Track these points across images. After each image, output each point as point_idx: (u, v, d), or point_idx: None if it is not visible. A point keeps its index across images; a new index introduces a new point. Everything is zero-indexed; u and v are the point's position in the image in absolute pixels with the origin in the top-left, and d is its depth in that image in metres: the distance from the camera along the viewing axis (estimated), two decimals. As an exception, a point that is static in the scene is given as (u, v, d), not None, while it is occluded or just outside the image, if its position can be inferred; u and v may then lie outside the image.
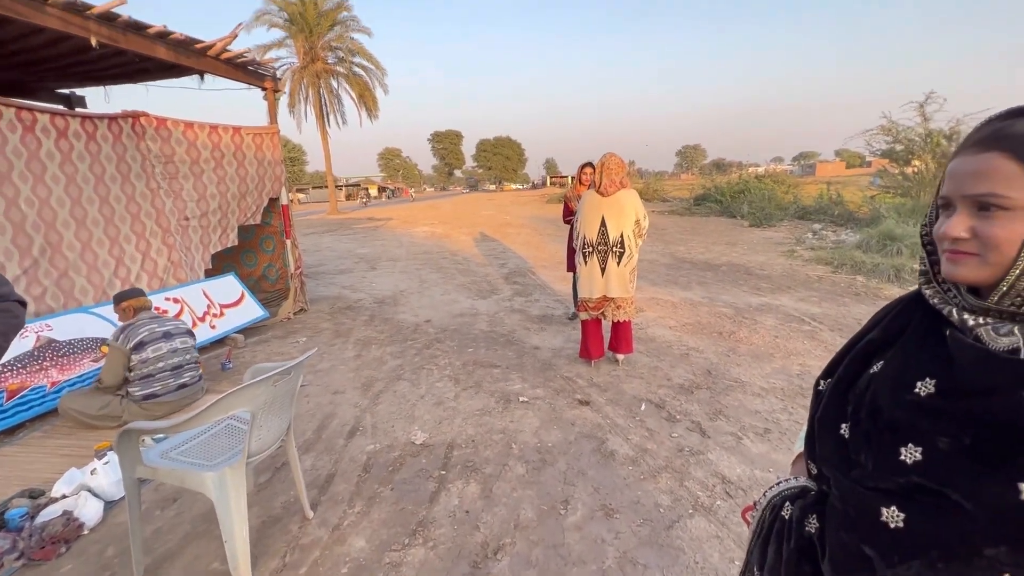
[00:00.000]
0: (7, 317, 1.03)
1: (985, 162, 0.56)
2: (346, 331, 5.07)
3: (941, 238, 0.61)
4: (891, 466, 0.58)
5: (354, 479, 2.46)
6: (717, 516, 2.11)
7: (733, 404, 3.17)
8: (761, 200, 15.37)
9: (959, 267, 0.59)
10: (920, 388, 0.58)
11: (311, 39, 24.54)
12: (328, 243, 13.06)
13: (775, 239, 10.63)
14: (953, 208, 0.60)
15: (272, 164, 5.63)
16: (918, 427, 0.57)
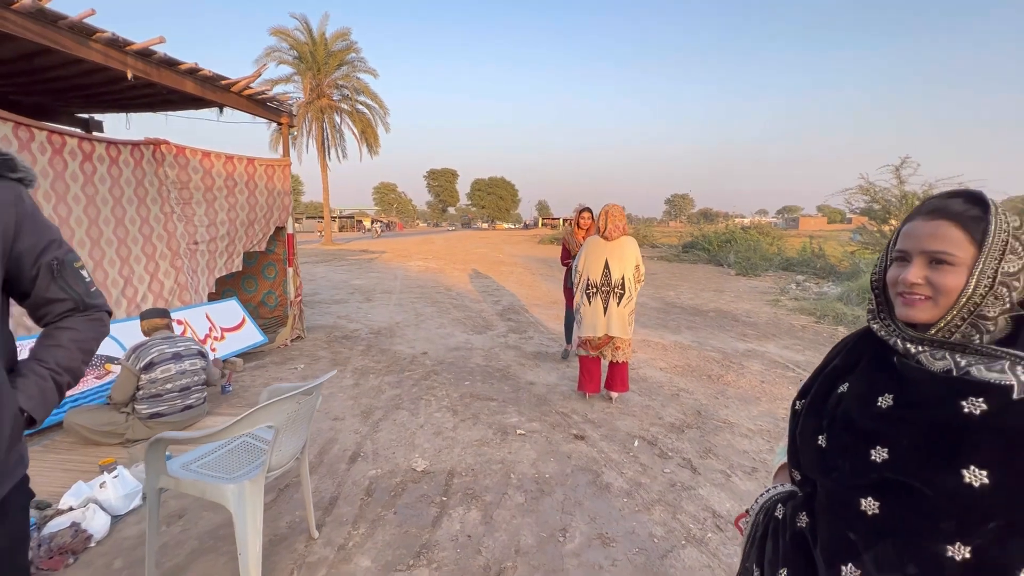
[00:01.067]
0: (98, 326, 1.16)
1: (939, 228, 0.74)
2: (344, 360, 5.14)
3: (898, 282, 0.78)
4: (864, 465, 0.73)
5: (357, 502, 2.52)
6: (708, 547, 2.21)
7: (722, 443, 3.29)
8: (747, 250, 15.91)
9: (914, 309, 0.76)
10: (881, 402, 0.75)
11: (318, 76, 25.46)
12: (323, 273, 13.16)
13: (760, 288, 10.99)
14: (909, 260, 0.77)
15: (281, 194, 5.83)
16: (883, 432, 0.73)
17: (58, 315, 1.11)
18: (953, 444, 0.66)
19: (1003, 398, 0.65)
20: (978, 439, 0.65)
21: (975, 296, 0.72)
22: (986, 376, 0.68)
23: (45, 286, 1.06)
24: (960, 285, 0.72)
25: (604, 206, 3.94)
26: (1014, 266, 0.71)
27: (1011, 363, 0.67)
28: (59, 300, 1.09)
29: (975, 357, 0.70)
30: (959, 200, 0.75)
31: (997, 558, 0.64)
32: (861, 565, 0.71)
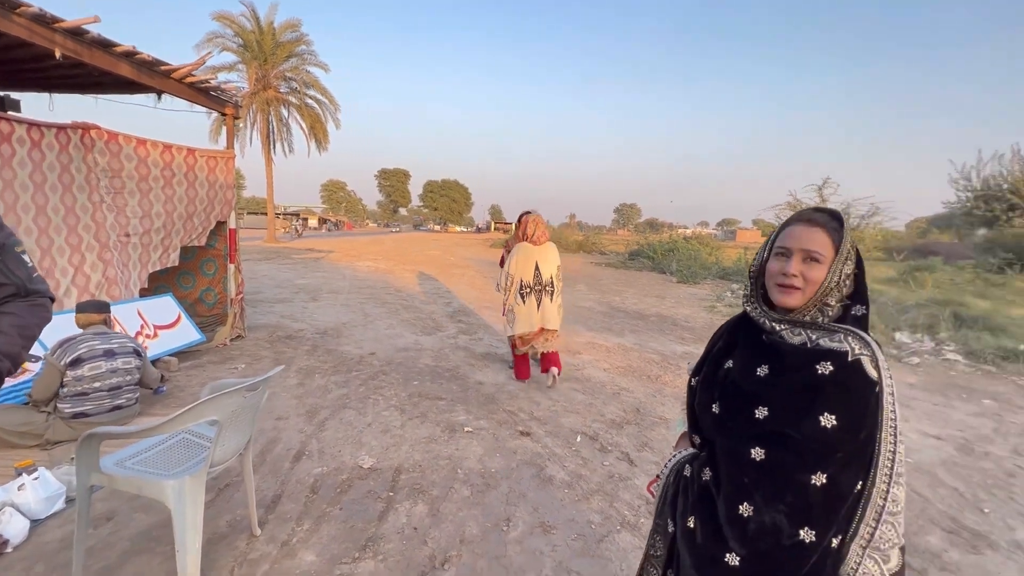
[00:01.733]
0: (41, 312, 1.13)
1: (815, 233, 0.97)
2: (288, 359, 5.01)
3: (778, 273, 0.98)
4: (750, 423, 0.93)
5: (302, 499, 2.50)
6: (641, 532, 2.38)
7: (658, 438, 3.51)
8: (688, 259, 16.76)
9: (789, 296, 0.97)
10: (759, 371, 0.97)
11: (264, 67, 24.41)
12: (265, 271, 12.64)
13: (699, 295, 11.62)
14: (789, 256, 0.97)
15: (224, 188, 5.61)
16: (763, 395, 0.94)
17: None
18: (812, 398, 0.87)
19: (842, 360, 0.88)
20: (828, 392, 0.87)
21: (828, 287, 0.95)
22: (830, 345, 0.90)
23: None
24: (822, 278, 0.95)
25: (526, 215, 4.39)
26: (849, 268, 0.96)
27: (844, 335, 0.91)
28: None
29: (822, 332, 0.93)
30: (827, 215, 1.00)
31: (841, 479, 0.86)
32: (753, 502, 0.89)
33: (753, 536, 0.88)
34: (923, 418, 4.19)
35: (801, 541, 0.86)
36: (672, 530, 1.07)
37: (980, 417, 4.29)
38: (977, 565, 2.30)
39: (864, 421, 0.86)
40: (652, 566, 1.18)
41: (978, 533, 2.55)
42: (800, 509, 0.86)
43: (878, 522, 0.88)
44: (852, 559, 0.89)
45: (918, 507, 2.77)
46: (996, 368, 5.90)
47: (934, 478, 3.13)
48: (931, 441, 3.72)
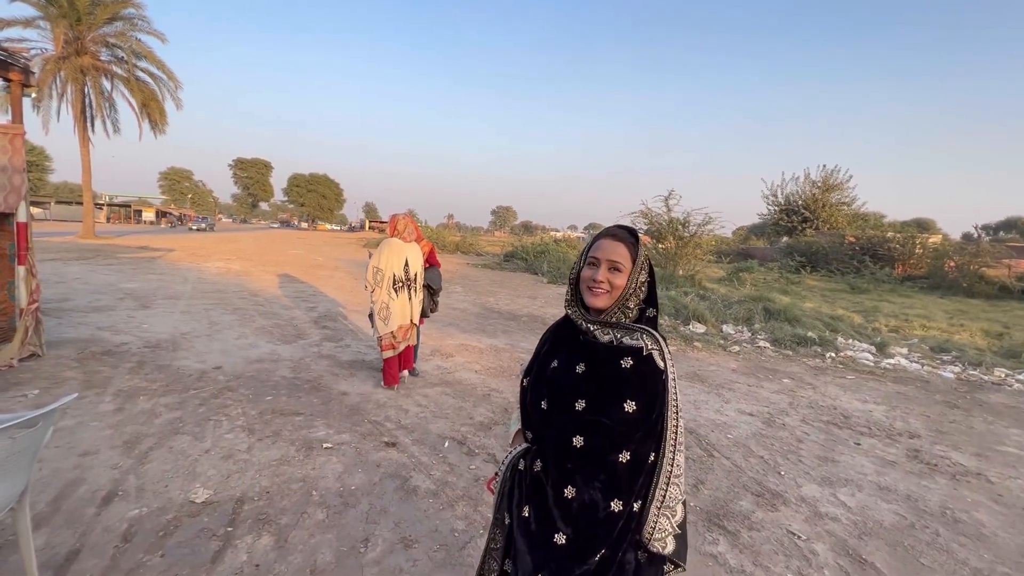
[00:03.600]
0: None
1: (617, 247, 1.14)
2: (102, 381, 4.19)
3: (589, 279, 1.14)
4: (571, 414, 1.07)
5: (109, 551, 2.09)
6: (503, 532, 2.42)
7: (523, 436, 3.63)
8: (558, 261, 17.77)
9: (598, 298, 1.13)
10: (578, 368, 1.11)
11: (78, 27, 20.29)
12: (77, 273, 10.49)
13: (567, 295, 12.37)
14: (598, 265, 1.14)
15: (10, 171, 4.51)
16: (580, 388, 1.08)
17: None
18: (618, 388, 1.04)
19: (639, 354, 1.06)
20: (630, 382, 1.04)
21: (628, 292, 1.12)
22: (631, 343, 1.08)
23: None
24: (624, 284, 1.12)
25: (396, 215, 4.52)
26: (643, 277, 1.15)
27: (640, 333, 1.09)
28: None
29: (624, 331, 1.11)
30: (627, 232, 1.19)
31: (640, 453, 1.04)
32: (575, 484, 1.03)
33: (576, 514, 1.02)
34: (741, 398, 4.94)
35: (612, 511, 1.01)
36: (508, 522, 1.16)
37: (780, 394, 5.20)
38: (774, 521, 2.76)
39: (655, 403, 1.04)
40: (492, 558, 1.25)
41: (776, 493, 3.07)
42: (611, 484, 1.01)
43: (668, 485, 1.08)
44: (651, 519, 1.07)
45: (734, 477, 3.25)
46: (793, 352, 7.22)
47: (747, 450, 3.70)
48: (745, 418, 4.40)
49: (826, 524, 2.76)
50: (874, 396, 5.34)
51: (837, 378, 6.01)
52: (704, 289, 12.43)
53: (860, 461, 3.64)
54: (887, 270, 18.50)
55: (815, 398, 5.12)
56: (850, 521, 2.81)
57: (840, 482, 3.28)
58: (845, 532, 2.69)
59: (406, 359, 4.65)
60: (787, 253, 22.55)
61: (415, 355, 4.89)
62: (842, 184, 29.72)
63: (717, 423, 4.21)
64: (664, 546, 1.08)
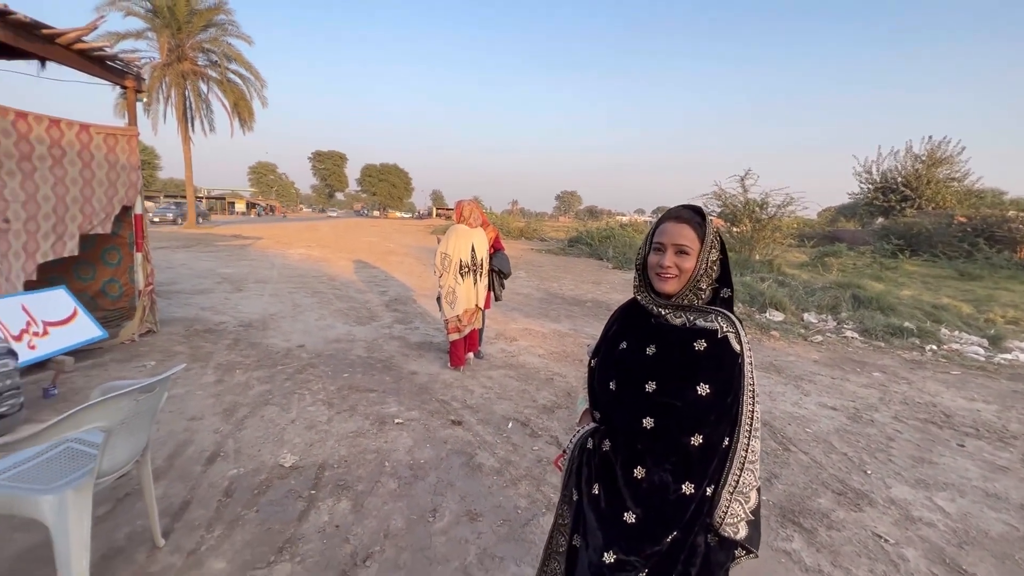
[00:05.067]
0: None
1: (683, 229, 1.11)
2: (205, 355, 4.69)
3: (655, 265, 1.12)
4: (641, 396, 1.07)
5: (213, 504, 2.37)
6: (565, 513, 2.45)
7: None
8: (623, 246, 17.33)
9: (666, 283, 1.11)
10: (648, 351, 1.11)
11: (179, 36, 22.33)
12: (183, 259, 11.71)
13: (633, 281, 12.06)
14: (663, 250, 1.11)
15: (127, 169, 5.10)
16: (651, 370, 1.08)
17: None
18: (691, 371, 1.03)
19: (713, 337, 1.04)
20: (703, 365, 1.02)
21: (698, 274, 1.09)
22: (704, 325, 1.06)
23: None
24: (693, 267, 1.09)
25: (462, 201, 4.60)
26: (714, 256, 1.11)
27: (714, 315, 1.07)
28: None
29: (698, 313, 1.08)
30: (690, 211, 1.14)
31: (713, 437, 1.02)
32: (645, 465, 1.03)
33: (646, 494, 1.02)
34: (823, 391, 4.61)
35: (683, 494, 1.01)
36: (576, 498, 1.18)
37: (869, 388, 4.79)
38: (858, 521, 2.57)
39: (731, 387, 1.02)
40: (560, 534, 1.29)
41: (861, 492, 2.85)
42: (682, 466, 1.01)
43: (742, 470, 1.05)
44: (723, 504, 1.05)
45: (813, 473, 3.05)
46: (885, 344, 6.60)
47: (828, 445, 3.46)
48: (827, 412, 4.10)
49: (919, 529, 2.53)
50: (984, 394, 4.77)
51: (939, 373, 5.43)
52: (783, 275, 11.62)
53: (963, 464, 3.29)
54: (1006, 254, 16.27)
55: (910, 394, 4.67)
56: (948, 528, 2.56)
57: (938, 485, 2.98)
58: (942, 539, 2.46)
59: (472, 342, 4.79)
60: (882, 235, 20.46)
61: (480, 338, 5.01)
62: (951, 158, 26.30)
63: (795, 416, 3.96)
64: (736, 531, 1.07)
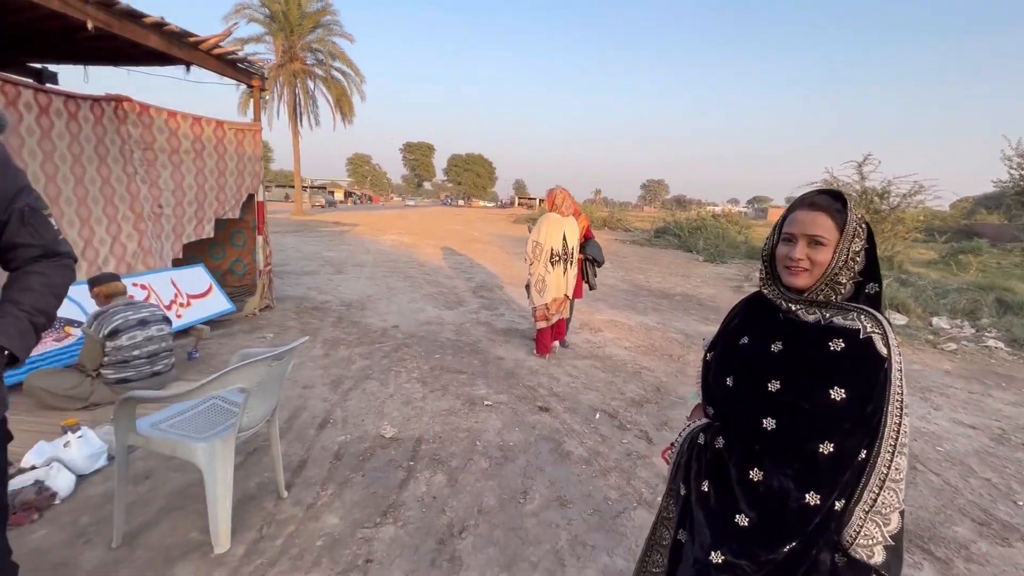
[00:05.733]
0: (68, 272, 1.17)
1: (817, 217, 1.00)
2: (313, 330, 5.13)
3: (785, 257, 1.03)
4: (763, 395, 1.00)
5: (326, 465, 2.59)
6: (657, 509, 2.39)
7: (678, 417, 3.49)
8: (716, 238, 16.34)
9: (797, 277, 1.01)
10: (774, 347, 1.03)
11: (291, 38, 24.35)
12: (292, 243, 12.88)
13: (726, 275, 11.37)
14: (794, 241, 1.01)
15: (252, 160, 5.68)
16: (776, 369, 1.00)
17: (26, 260, 1.13)
18: (824, 372, 0.94)
19: (854, 337, 0.94)
20: (839, 367, 0.93)
21: (836, 267, 0.99)
22: (843, 323, 0.96)
23: (15, 231, 1.08)
24: (828, 260, 0.99)
25: (553, 189, 4.56)
26: (857, 246, 1.00)
27: (857, 314, 0.96)
28: (28, 246, 1.11)
29: (836, 310, 0.99)
30: (828, 197, 1.02)
31: (847, 447, 0.92)
32: (763, 467, 0.97)
33: (762, 498, 0.96)
34: (958, 407, 4.05)
35: (807, 504, 0.93)
36: (684, 493, 1.15)
37: (1018, 407, 4.12)
38: (1006, 557, 2.23)
39: (872, 395, 0.92)
40: (664, 527, 1.26)
41: (1009, 525, 2.48)
42: (807, 474, 0.93)
43: (881, 488, 0.95)
44: (855, 522, 0.96)
45: (947, 497, 2.70)
46: (1041, 357, 5.63)
47: (966, 468, 3.04)
48: (964, 430, 3.59)
49: (1089, 576, 2.15)
50: None
51: (1114, 395, 4.54)
52: (905, 273, 10.32)
53: None
54: None
55: (1076, 417, 3.95)
56: None
57: (1115, 528, 2.51)
58: (1122, 591, 2.07)
59: (558, 330, 4.79)
60: (1036, 231, 17.41)
61: (567, 327, 4.99)
62: None
63: (923, 432, 3.52)
64: (870, 555, 0.97)
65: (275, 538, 2.03)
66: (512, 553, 2.04)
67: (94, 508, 2.14)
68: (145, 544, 1.94)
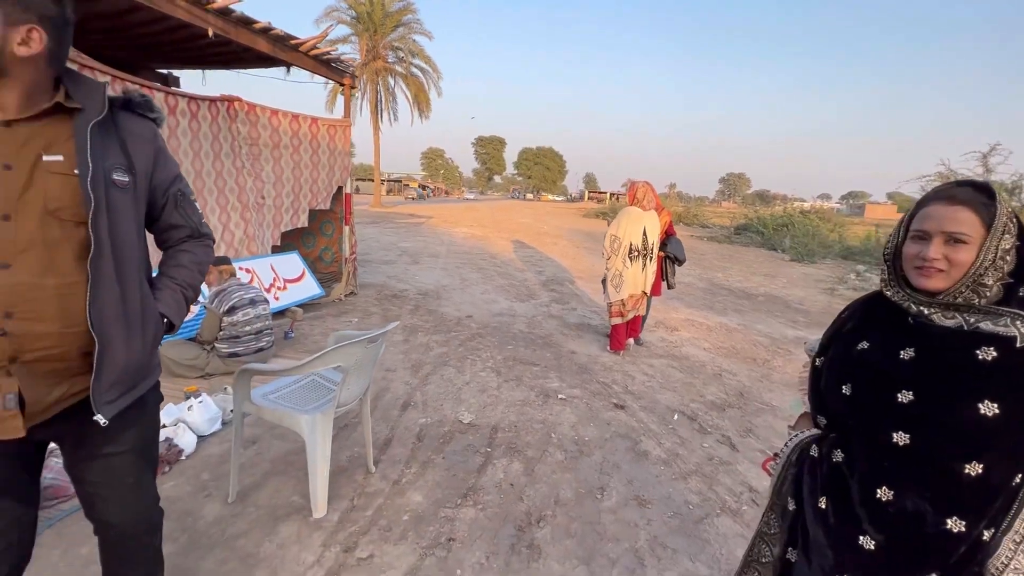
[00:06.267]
0: (209, 251, 1.33)
1: (957, 212, 0.89)
2: (394, 317, 5.38)
3: (915, 257, 0.93)
4: (892, 406, 0.90)
5: (409, 445, 2.72)
6: (743, 519, 2.27)
7: (764, 425, 3.30)
8: (804, 235, 15.16)
9: (930, 279, 0.91)
10: (903, 354, 0.92)
11: (375, 38, 25.53)
12: (372, 234, 13.57)
13: (816, 276, 10.53)
14: (928, 239, 0.91)
15: (342, 154, 6.04)
16: (908, 378, 0.90)
17: (177, 240, 1.28)
18: (970, 383, 0.83)
19: (1008, 346, 0.83)
20: (991, 379, 0.82)
21: (981, 268, 0.88)
22: (994, 329, 0.84)
23: (170, 213, 1.23)
24: (971, 260, 0.88)
25: (635, 182, 4.47)
26: (1008, 243, 0.88)
27: (1011, 319, 0.84)
28: (179, 227, 1.26)
29: (981, 315, 0.87)
30: (970, 189, 0.91)
31: (999, 470, 0.82)
32: (893, 487, 0.88)
33: (893, 521, 0.88)
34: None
35: (948, 530, 0.84)
36: (794, 508, 1.08)
37: None
38: None
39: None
40: (765, 543, 1.19)
41: None
42: (949, 498, 0.84)
43: None
44: (1004, 553, 0.85)
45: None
46: None
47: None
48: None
49: None
50: None
51: None
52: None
53: None
54: None
55: None
56: None
57: None
58: None
59: (633, 327, 4.68)
60: None
61: (642, 325, 4.86)
62: None
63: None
64: None
65: (365, 509, 2.16)
66: (590, 547, 2.03)
67: (213, 466, 2.39)
68: (255, 502, 2.15)
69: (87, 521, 1.23)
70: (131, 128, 1.11)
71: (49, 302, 0.96)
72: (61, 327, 0.98)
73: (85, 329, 0.99)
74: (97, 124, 1.02)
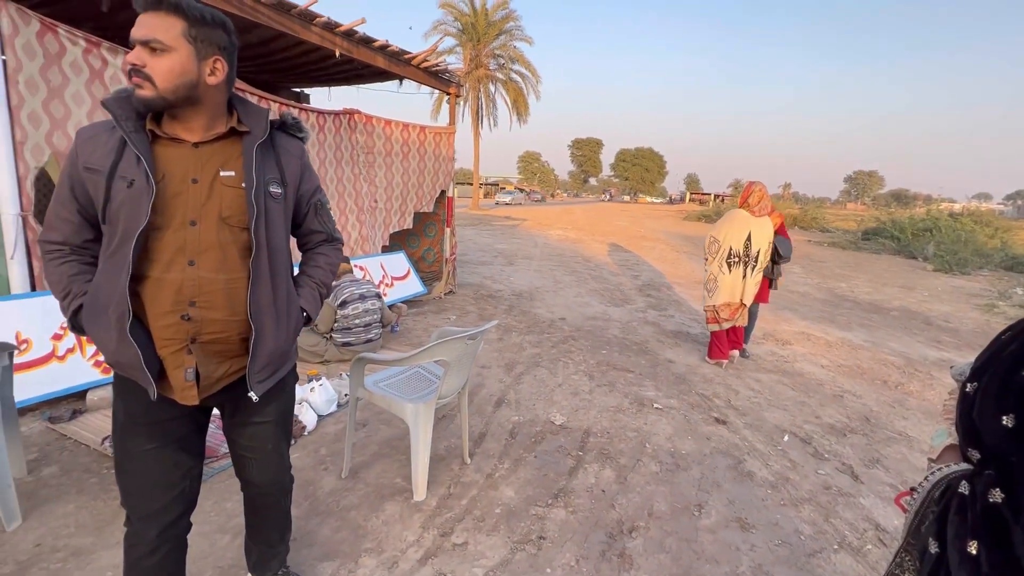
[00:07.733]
0: (340, 254, 1.51)
1: None
2: (489, 316, 5.56)
3: None
4: None
5: (503, 441, 2.80)
6: (867, 559, 2.02)
7: (895, 456, 2.90)
8: (953, 242, 13.08)
9: None
10: None
11: (478, 47, 26.55)
12: (470, 236, 14.12)
13: (968, 289, 9.01)
14: None
15: (446, 160, 6.37)
16: None
17: (315, 243, 1.46)
18: None
19: None
20: None
21: None
22: None
23: (311, 220, 1.41)
24: None
25: (751, 183, 4.15)
26: None
27: None
28: (317, 232, 1.44)
29: None
30: None
31: None
32: None
33: None
34: None
35: None
36: (935, 551, 0.94)
37: None
38: None
39: None
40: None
41: None
42: None
43: None
44: None
45: None
46: None
47: None
48: None
49: None
50: None
51: None
52: None
53: None
54: None
55: None
56: None
57: None
58: None
59: (735, 338, 4.36)
60: None
61: (747, 336, 4.53)
62: None
63: None
64: None
65: (460, 498, 2.26)
66: (686, 565, 1.93)
67: (330, 443, 2.66)
68: (364, 480, 2.35)
69: (232, 480, 1.45)
70: (284, 145, 1.29)
71: (221, 294, 1.16)
72: (228, 315, 1.17)
73: (245, 318, 1.18)
74: (260, 144, 1.20)
